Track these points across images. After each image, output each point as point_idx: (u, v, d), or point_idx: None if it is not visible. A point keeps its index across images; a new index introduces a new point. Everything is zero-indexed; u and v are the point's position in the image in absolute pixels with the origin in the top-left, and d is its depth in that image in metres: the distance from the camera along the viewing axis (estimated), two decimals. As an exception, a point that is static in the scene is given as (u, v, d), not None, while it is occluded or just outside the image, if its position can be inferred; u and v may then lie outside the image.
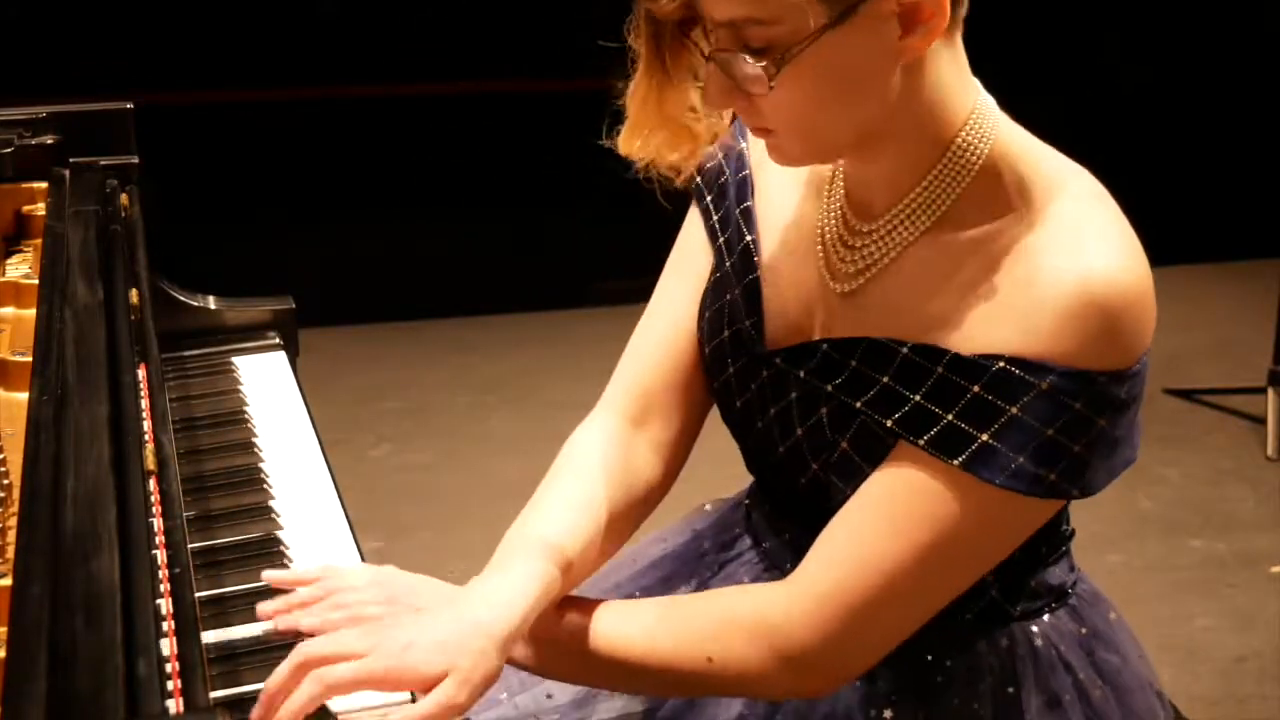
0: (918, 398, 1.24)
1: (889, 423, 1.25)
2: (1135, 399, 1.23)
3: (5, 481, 1.30)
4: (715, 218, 1.43)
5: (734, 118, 1.40)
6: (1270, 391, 3.83)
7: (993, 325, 1.21)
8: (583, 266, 5.14)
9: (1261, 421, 3.89)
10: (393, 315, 4.91)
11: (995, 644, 1.38)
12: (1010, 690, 1.37)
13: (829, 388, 1.30)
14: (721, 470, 1.58)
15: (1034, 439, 1.19)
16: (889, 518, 1.24)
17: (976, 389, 1.21)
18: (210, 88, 5.61)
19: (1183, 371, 4.33)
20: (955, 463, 1.21)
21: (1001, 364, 1.20)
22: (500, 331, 4.79)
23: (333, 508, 1.61)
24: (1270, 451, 3.81)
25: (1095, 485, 1.24)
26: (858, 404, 1.27)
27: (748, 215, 1.40)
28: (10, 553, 1.15)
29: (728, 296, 1.41)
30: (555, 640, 1.32)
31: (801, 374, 1.32)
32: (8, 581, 1.09)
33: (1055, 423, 1.19)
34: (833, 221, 1.33)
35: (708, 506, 1.62)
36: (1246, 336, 4.46)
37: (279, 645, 1.31)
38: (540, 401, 4.13)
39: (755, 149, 1.41)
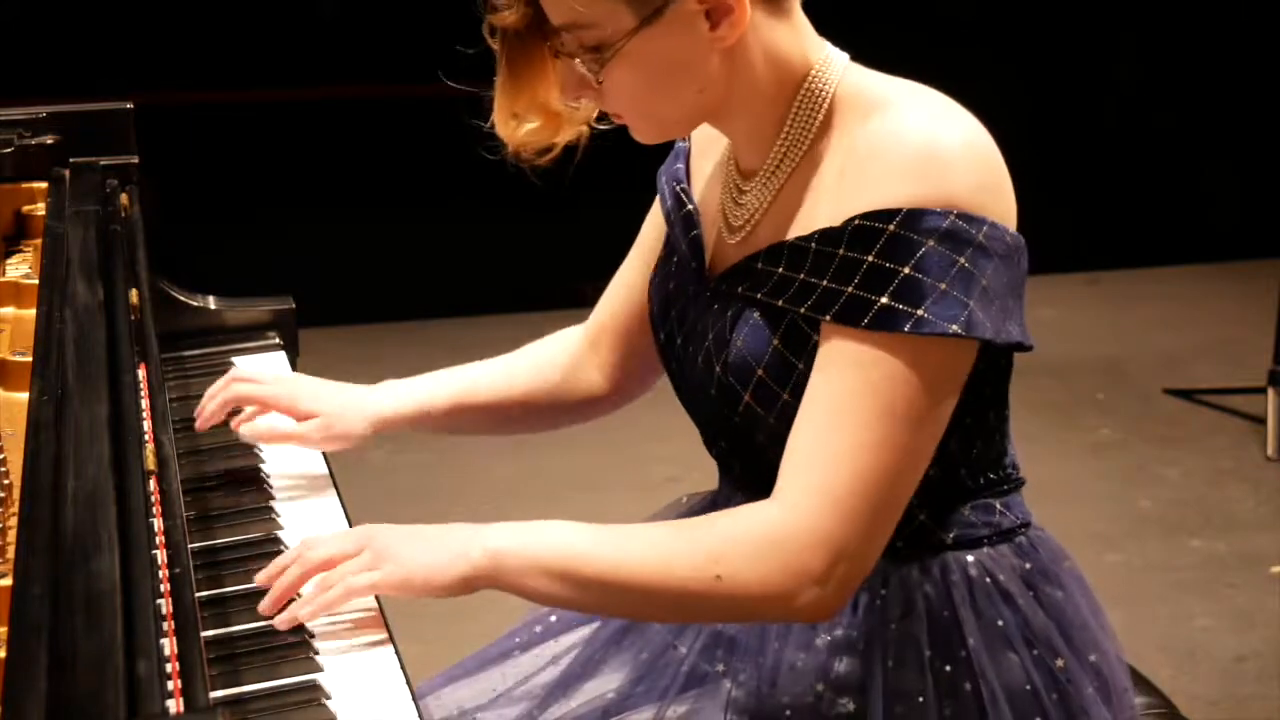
0: (802, 276, 1.34)
1: (780, 302, 1.35)
2: (998, 254, 1.29)
3: (5, 481, 1.30)
4: (670, 200, 1.55)
5: None
6: (1270, 391, 3.83)
7: (849, 199, 1.32)
8: (582, 267, 5.13)
9: (1261, 421, 3.89)
10: (393, 315, 4.91)
11: (927, 570, 1.40)
12: (946, 614, 1.39)
13: (739, 290, 1.39)
14: (711, 471, 1.59)
15: (893, 278, 1.28)
16: (836, 405, 1.30)
17: (841, 251, 1.31)
18: (210, 88, 5.60)
19: (1183, 371, 4.33)
20: (826, 319, 1.30)
21: (855, 221, 1.30)
22: (500, 331, 4.77)
23: (333, 508, 1.61)
24: (1270, 451, 3.81)
25: (977, 325, 1.28)
26: (759, 296, 1.37)
27: (686, 192, 1.54)
28: (10, 553, 1.15)
29: (675, 257, 1.53)
30: (570, 572, 1.31)
31: (723, 287, 1.42)
32: (8, 581, 1.09)
33: (910, 260, 1.28)
34: (727, 189, 1.47)
35: (684, 499, 1.65)
36: (1246, 336, 4.46)
37: (280, 645, 1.32)
38: (540, 401, 4.13)
39: (695, 140, 1.55)
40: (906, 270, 1.28)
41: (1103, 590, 1.52)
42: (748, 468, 1.45)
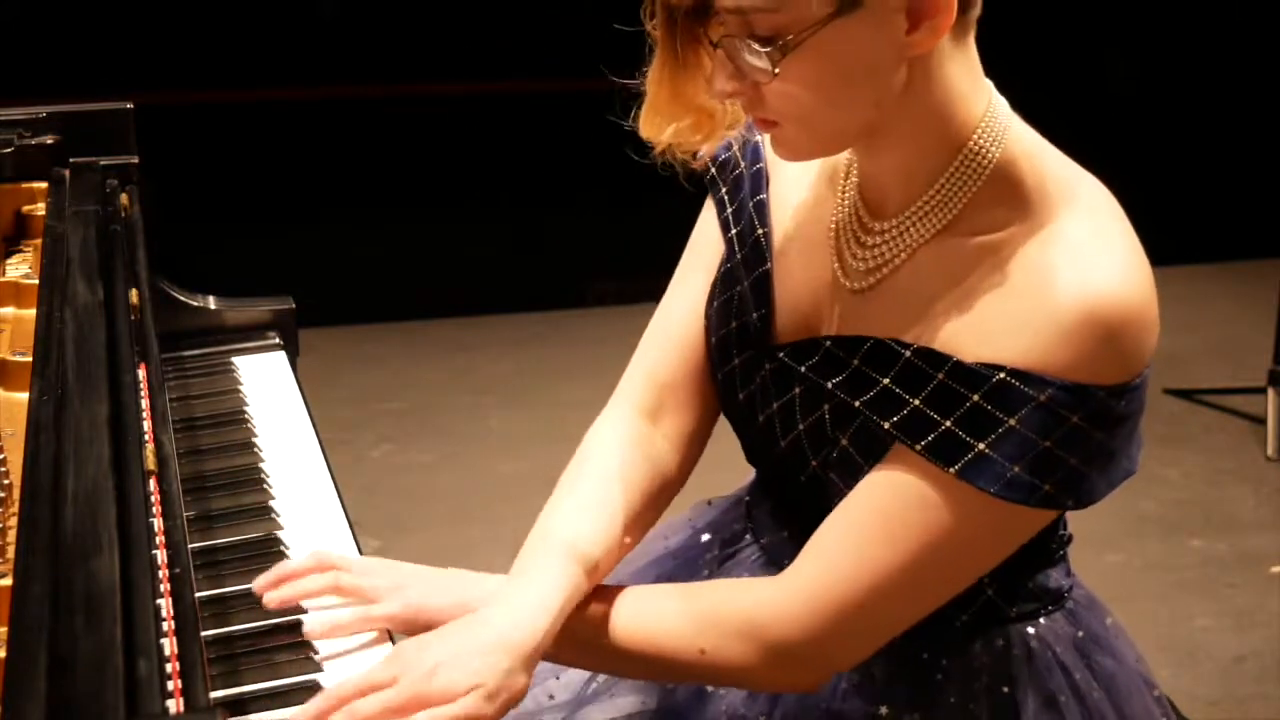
0: (917, 402, 1.24)
1: (886, 425, 1.25)
2: (1134, 413, 1.23)
3: (5, 481, 1.30)
4: (729, 210, 1.43)
5: None
6: (1270, 391, 3.83)
7: (996, 334, 1.21)
8: (581, 267, 5.14)
9: (1261, 421, 3.89)
10: (393, 315, 4.92)
11: (990, 644, 1.38)
12: (1005, 690, 1.37)
13: (829, 385, 1.30)
14: (724, 468, 1.58)
15: (1031, 450, 1.20)
16: (883, 522, 1.25)
17: (976, 397, 1.21)
18: (210, 88, 5.61)
19: (1183, 371, 4.33)
20: (951, 470, 1.21)
21: (1002, 374, 1.20)
22: (500, 331, 4.79)
23: (333, 508, 1.61)
24: (1270, 451, 3.81)
25: (1092, 497, 1.24)
26: (857, 403, 1.28)
27: (761, 208, 1.40)
28: (10, 553, 1.15)
29: (737, 289, 1.41)
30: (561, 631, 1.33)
31: (803, 369, 1.33)
32: (8, 581, 1.09)
33: (1052, 435, 1.19)
34: (847, 217, 1.33)
35: (709, 503, 1.63)
36: (1246, 336, 4.47)
37: (280, 645, 1.32)
38: (539, 401, 4.13)
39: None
40: (1047, 444, 1.19)
41: (1103, 590, 1.52)
42: (792, 494, 1.42)
